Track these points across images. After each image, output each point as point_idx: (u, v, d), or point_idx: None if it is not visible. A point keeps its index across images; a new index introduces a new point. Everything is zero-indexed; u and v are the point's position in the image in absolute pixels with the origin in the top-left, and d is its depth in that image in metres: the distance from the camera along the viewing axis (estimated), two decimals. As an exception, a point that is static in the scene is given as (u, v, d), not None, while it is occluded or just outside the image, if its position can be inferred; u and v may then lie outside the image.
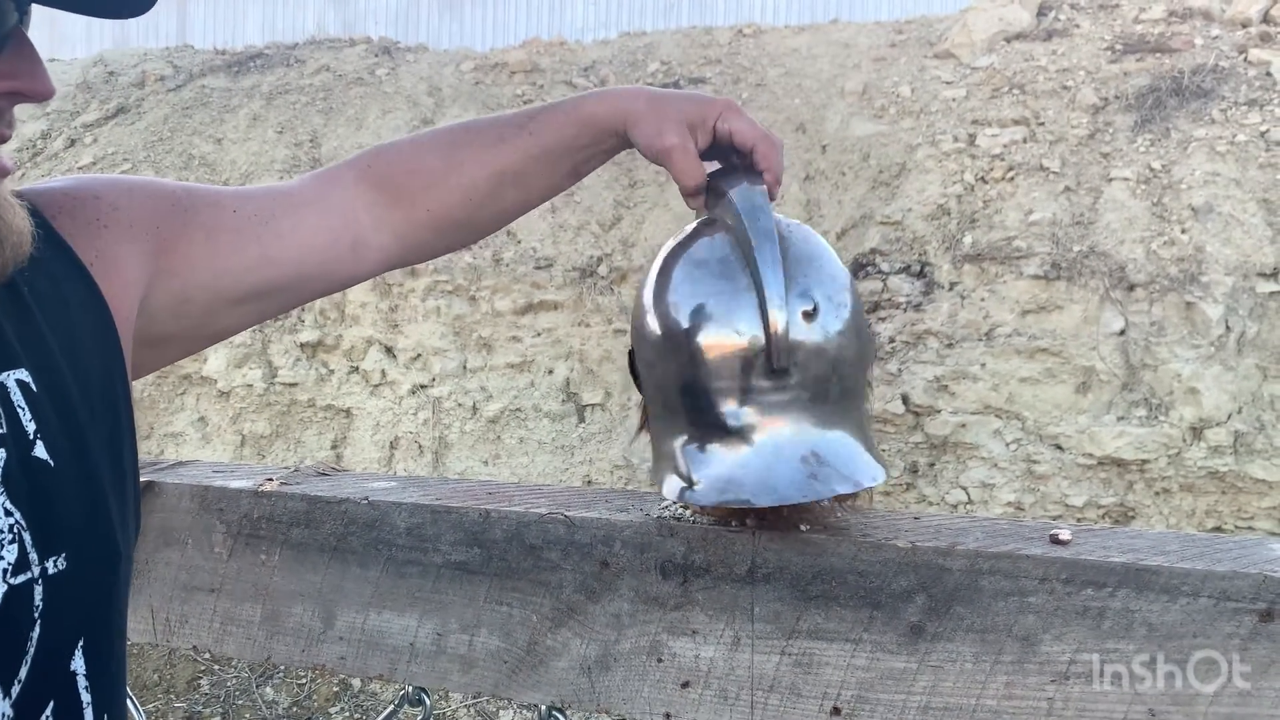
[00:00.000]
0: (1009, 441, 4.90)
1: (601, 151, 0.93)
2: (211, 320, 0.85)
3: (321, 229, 0.88)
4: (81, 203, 0.76)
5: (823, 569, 0.83)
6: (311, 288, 0.91)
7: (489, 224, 0.96)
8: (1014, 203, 5.56)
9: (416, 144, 0.94)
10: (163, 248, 0.79)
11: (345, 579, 1.01)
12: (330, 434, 6.31)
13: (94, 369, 0.72)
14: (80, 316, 0.72)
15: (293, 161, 7.58)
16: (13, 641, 0.63)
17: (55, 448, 0.67)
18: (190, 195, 0.84)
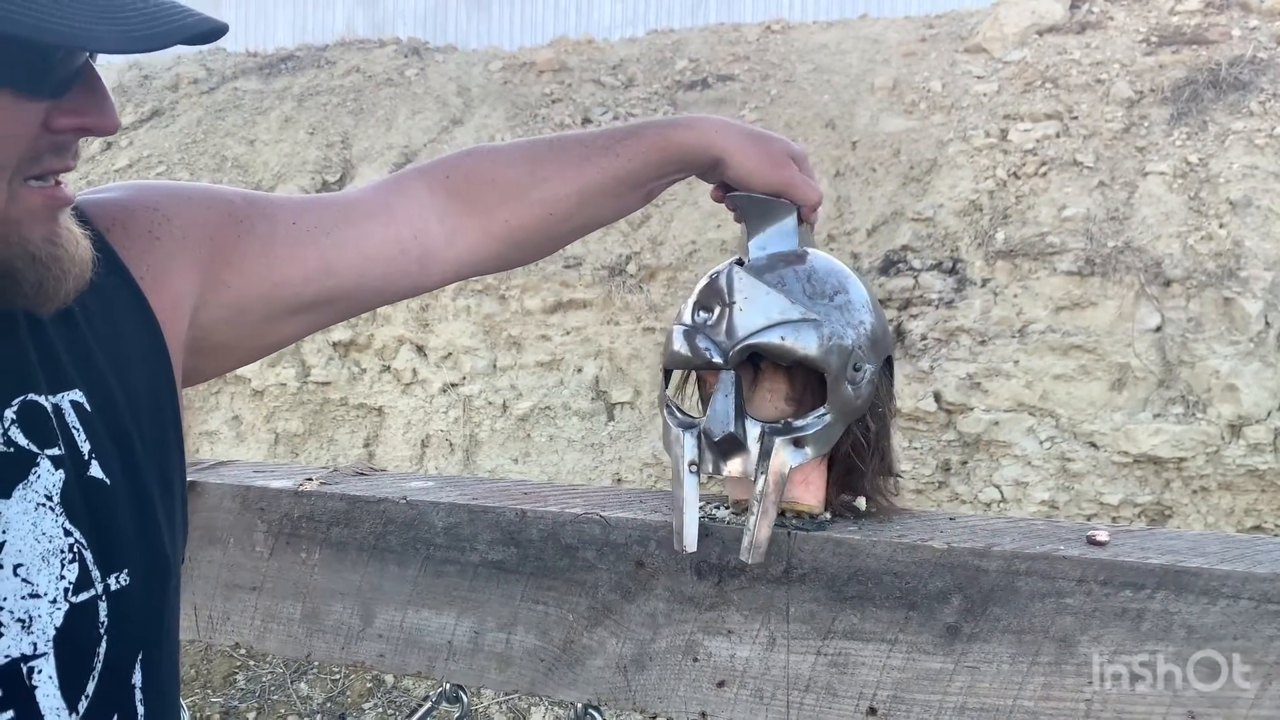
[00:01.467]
0: (1043, 439, 4.85)
1: (676, 178, 0.96)
2: (269, 330, 0.85)
3: (388, 240, 0.87)
4: (135, 215, 0.77)
5: (858, 570, 0.84)
6: (371, 298, 0.90)
7: (561, 240, 0.97)
8: (1047, 198, 5.49)
9: (497, 155, 0.93)
10: (217, 259, 0.80)
11: (384, 577, 1.03)
12: (362, 432, 6.37)
13: (142, 385, 0.73)
14: (129, 332, 0.73)
15: (324, 162, 7.66)
16: (81, 658, 0.65)
17: (109, 466, 0.68)
18: (249, 205, 0.84)
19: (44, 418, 0.66)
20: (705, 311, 0.90)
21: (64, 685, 0.64)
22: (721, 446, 0.86)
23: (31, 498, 0.64)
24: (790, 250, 0.93)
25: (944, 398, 5.02)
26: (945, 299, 5.28)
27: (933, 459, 4.96)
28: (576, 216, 0.94)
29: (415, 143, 7.61)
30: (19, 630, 0.62)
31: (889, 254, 5.61)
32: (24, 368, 0.66)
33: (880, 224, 5.87)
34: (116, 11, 0.54)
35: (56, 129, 0.59)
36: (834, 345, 0.87)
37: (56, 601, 0.64)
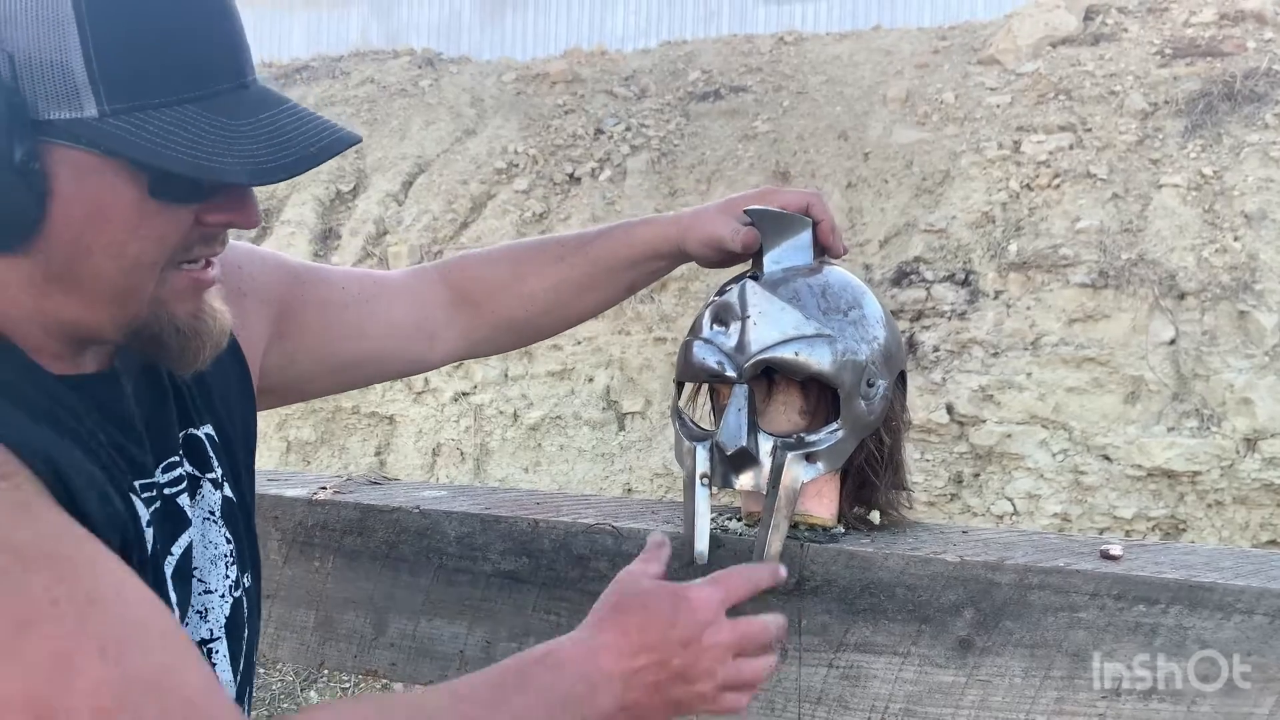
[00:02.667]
0: (1055, 452, 4.83)
1: (652, 271, 1.05)
2: (306, 384, 0.98)
3: (408, 315, 1.01)
4: (227, 274, 0.86)
5: (870, 582, 0.84)
6: (391, 367, 1.03)
7: (549, 328, 1.08)
8: (1060, 210, 5.48)
9: (488, 256, 1.07)
10: (284, 314, 0.93)
11: (396, 586, 1.03)
12: (374, 441, 6.39)
13: (238, 415, 0.86)
14: (231, 373, 0.86)
15: (338, 172, 7.71)
16: (237, 643, 0.79)
17: (234, 486, 0.82)
18: (308, 271, 0.98)
19: (199, 446, 0.79)
20: (720, 325, 0.90)
21: (232, 664, 0.78)
22: (734, 460, 0.87)
23: (200, 513, 0.77)
24: (805, 264, 0.93)
25: (956, 410, 5.00)
26: (958, 310, 5.27)
27: (945, 471, 4.94)
28: (555, 308, 1.04)
29: (429, 153, 7.65)
30: (198, 620, 0.76)
31: (901, 265, 5.60)
32: (181, 406, 0.78)
33: (893, 235, 5.87)
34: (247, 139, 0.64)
35: (207, 224, 0.68)
36: (847, 361, 0.87)
37: (224, 596, 0.78)
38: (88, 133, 0.61)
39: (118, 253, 0.65)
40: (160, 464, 0.73)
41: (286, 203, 7.57)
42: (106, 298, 0.67)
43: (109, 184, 0.63)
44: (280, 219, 7.45)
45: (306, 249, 7.12)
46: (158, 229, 0.66)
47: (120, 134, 0.61)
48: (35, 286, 0.66)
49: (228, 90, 0.65)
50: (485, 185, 7.20)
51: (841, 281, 0.93)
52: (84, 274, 0.65)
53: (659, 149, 7.06)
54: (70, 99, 0.61)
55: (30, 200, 0.62)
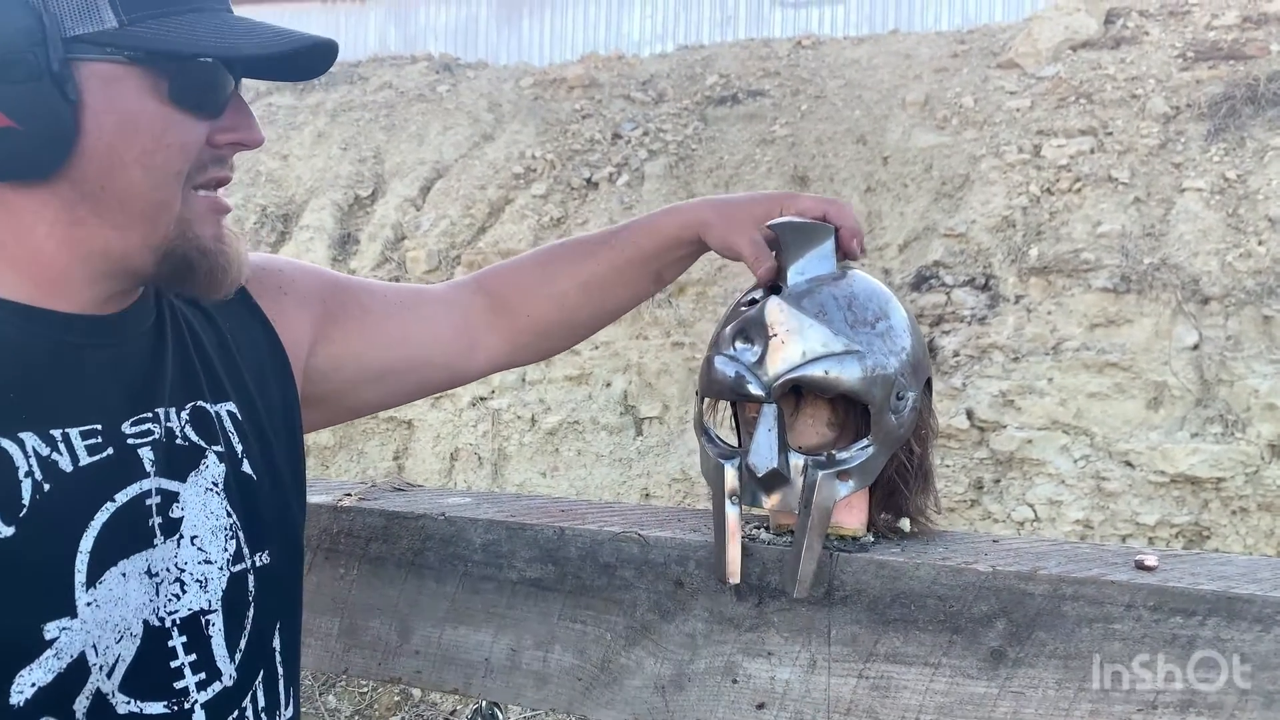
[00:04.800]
0: (1077, 458, 4.79)
1: (678, 259, 1.04)
2: (352, 391, 0.99)
3: (449, 324, 1.03)
4: (267, 272, 0.94)
5: (901, 592, 0.83)
6: (433, 376, 1.04)
7: (582, 327, 1.08)
8: (1081, 214, 5.44)
9: (519, 261, 1.09)
10: (327, 318, 0.96)
11: (421, 594, 1.03)
12: (392, 445, 6.41)
13: (276, 400, 0.88)
14: (266, 358, 0.89)
15: (356, 177, 7.74)
16: (236, 619, 0.80)
17: (255, 465, 0.84)
18: (350, 281, 1.02)
19: (209, 420, 0.81)
20: (745, 342, 0.88)
21: (227, 638, 0.78)
22: (765, 481, 0.85)
23: (202, 483, 0.79)
24: (829, 273, 0.92)
25: (976, 415, 4.97)
26: (978, 315, 5.24)
27: (965, 477, 4.91)
28: (587, 305, 1.05)
29: (446, 158, 7.68)
30: (198, 589, 0.77)
31: (921, 270, 5.58)
32: (194, 381, 0.82)
33: (912, 240, 5.84)
34: (251, 31, 0.72)
35: (217, 144, 0.74)
36: (877, 376, 0.86)
37: (223, 568, 0.79)
38: (112, 40, 0.68)
39: (147, 162, 0.70)
40: (130, 417, 0.76)
41: (305, 208, 7.61)
42: (139, 214, 0.72)
43: (134, 91, 0.69)
44: (299, 224, 7.50)
45: (325, 254, 7.16)
46: (179, 136, 0.71)
47: (141, 36, 0.68)
48: (69, 212, 0.71)
49: (219, 9, 0.73)
50: (503, 190, 7.22)
51: (867, 290, 0.92)
52: (118, 188, 0.70)
53: (676, 153, 7.06)
54: (91, 13, 0.67)
55: (67, 111, 0.67)
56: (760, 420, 0.86)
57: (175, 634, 0.75)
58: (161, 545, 0.75)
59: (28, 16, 0.65)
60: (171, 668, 0.75)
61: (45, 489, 0.69)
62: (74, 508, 0.71)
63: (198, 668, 0.76)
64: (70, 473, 0.71)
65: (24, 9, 0.65)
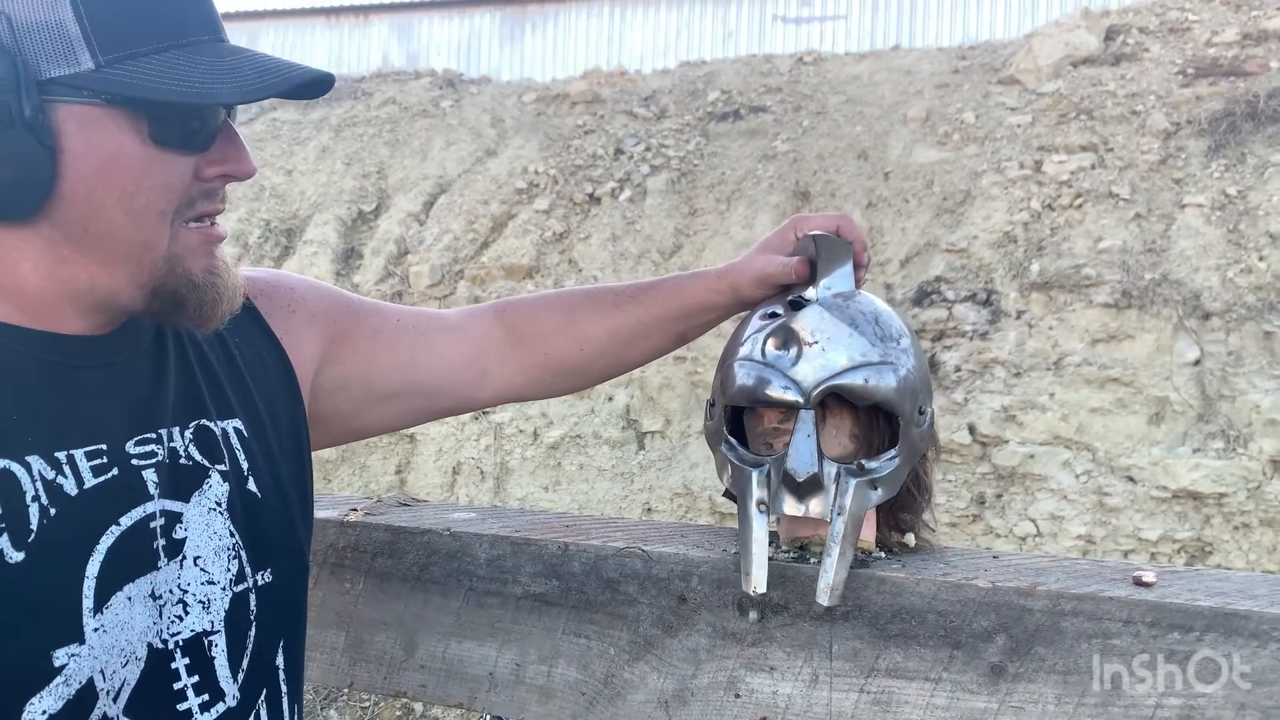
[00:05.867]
0: (1079, 473, 4.79)
1: (704, 322, 1.06)
2: (359, 411, 0.98)
3: (461, 351, 1.03)
4: (277, 289, 0.94)
5: (902, 608, 0.84)
6: (439, 403, 1.04)
7: (596, 374, 1.09)
8: (1082, 230, 5.46)
9: (544, 299, 1.09)
10: (337, 337, 0.95)
11: (427, 608, 1.04)
12: (395, 459, 6.42)
13: (284, 417, 0.88)
14: (274, 375, 0.89)
15: (360, 192, 7.78)
16: (237, 639, 0.79)
17: (261, 482, 0.83)
18: (361, 302, 1.01)
19: (213, 439, 0.80)
20: (780, 350, 0.89)
21: (230, 659, 0.78)
22: (803, 487, 0.85)
23: (205, 503, 0.78)
24: (850, 290, 0.94)
25: (978, 430, 4.98)
26: (979, 330, 5.25)
27: (967, 492, 4.91)
28: (608, 355, 1.06)
29: (450, 173, 7.71)
30: (201, 610, 0.76)
31: (922, 285, 5.59)
32: (197, 398, 0.81)
33: (913, 255, 5.86)
34: (235, 70, 0.69)
35: (205, 178, 0.72)
36: (908, 388, 0.88)
37: (225, 589, 0.78)
38: (88, 83, 0.66)
39: (128, 205, 0.69)
40: (133, 437, 0.75)
41: (309, 223, 7.65)
42: (123, 254, 0.70)
43: (112, 134, 0.67)
44: (303, 239, 7.53)
45: (328, 268, 7.19)
46: (162, 177, 0.70)
47: (117, 79, 0.66)
48: (52, 252, 0.69)
49: (207, 41, 0.70)
50: (506, 205, 7.25)
51: (886, 310, 0.94)
52: (99, 230, 0.69)
53: (679, 169, 7.10)
54: (67, 55, 0.65)
55: (43, 156, 0.66)
56: (799, 426, 0.86)
57: (178, 656, 0.75)
58: (165, 567, 0.74)
59: (1, 62, 0.64)
60: (175, 690, 0.74)
61: (51, 513, 0.68)
62: (80, 532, 0.70)
63: (200, 689, 0.76)
64: (75, 496, 0.70)
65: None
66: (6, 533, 0.66)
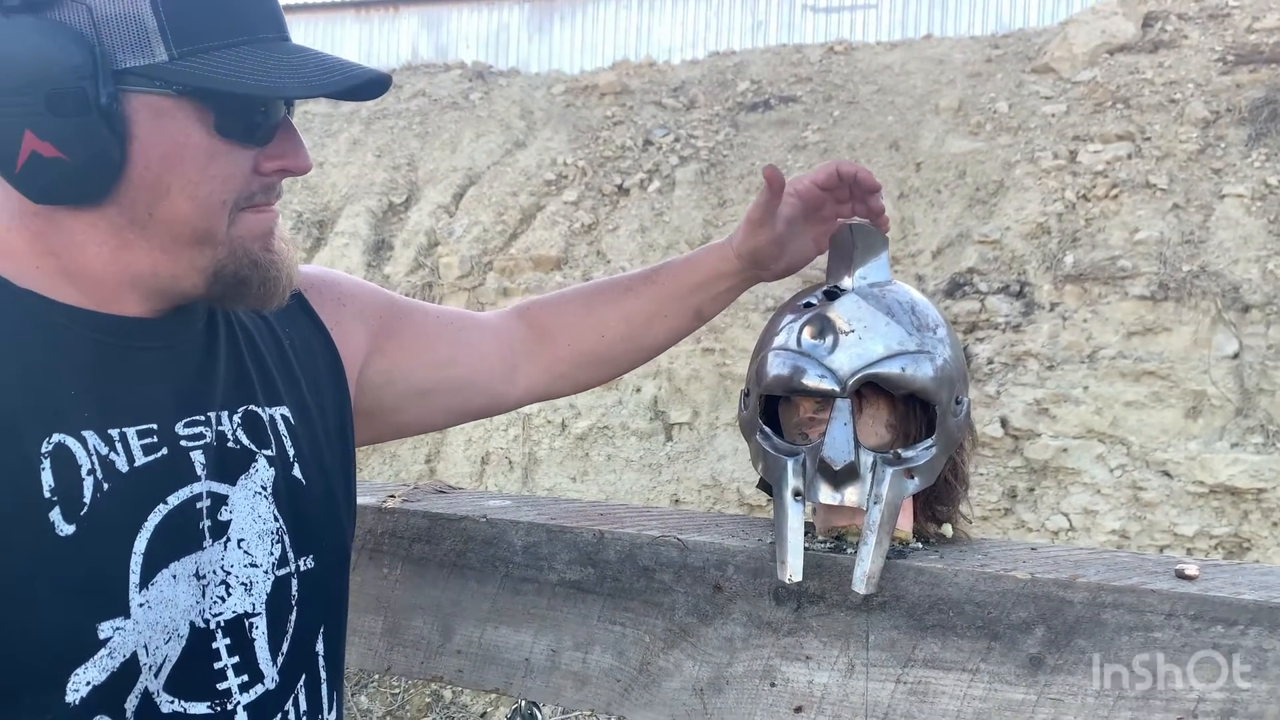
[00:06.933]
0: (1113, 467, 4.73)
1: (719, 293, 1.07)
2: (400, 406, 1.01)
3: (493, 348, 1.05)
4: (327, 284, 0.97)
5: (939, 599, 0.83)
6: (475, 400, 1.06)
7: (623, 359, 1.10)
8: (1118, 221, 5.38)
9: (562, 295, 1.12)
10: (383, 332, 0.98)
11: (463, 594, 1.05)
12: (424, 449, 6.47)
13: (330, 407, 0.90)
14: (322, 365, 0.91)
15: (390, 184, 7.83)
16: (278, 622, 0.80)
17: (306, 470, 0.85)
18: (405, 300, 1.05)
19: (260, 424, 0.82)
20: (817, 339, 0.88)
21: (270, 642, 0.79)
22: (839, 475, 0.85)
23: (251, 487, 0.80)
24: (885, 280, 0.93)
25: (1011, 423, 4.93)
26: (1012, 323, 5.19)
27: (999, 485, 4.87)
28: (629, 339, 1.08)
29: (479, 165, 7.74)
30: (243, 592, 0.78)
31: (955, 276, 5.54)
32: (247, 384, 0.83)
33: (945, 246, 5.81)
34: (300, 67, 0.72)
35: (264, 171, 0.75)
36: (944, 378, 0.87)
37: (268, 572, 0.79)
38: (162, 74, 0.68)
39: (192, 192, 0.71)
40: (183, 418, 0.77)
41: (340, 214, 7.71)
42: (186, 240, 0.73)
43: (181, 124, 0.70)
44: (334, 230, 7.59)
45: (360, 260, 7.25)
46: (224, 168, 0.72)
47: (190, 71, 0.69)
48: (116, 236, 0.72)
49: (273, 39, 0.73)
50: (535, 197, 7.27)
51: (922, 300, 0.93)
52: (164, 216, 0.72)
53: (708, 159, 7.07)
54: (143, 46, 0.68)
55: (114, 143, 0.68)
56: (835, 415, 0.86)
57: (219, 636, 0.76)
58: (210, 548, 0.76)
59: (81, 51, 0.66)
60: (215, 669, 0.76)
61: (105, 488, 0.70)
62: (129, 508, 0.72)
63: (240, 670, 0.77)
64: (126, 473, 0.72)
65: (78, 43, 0.66)
66: (59, 505, 0.68)
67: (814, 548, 0.90)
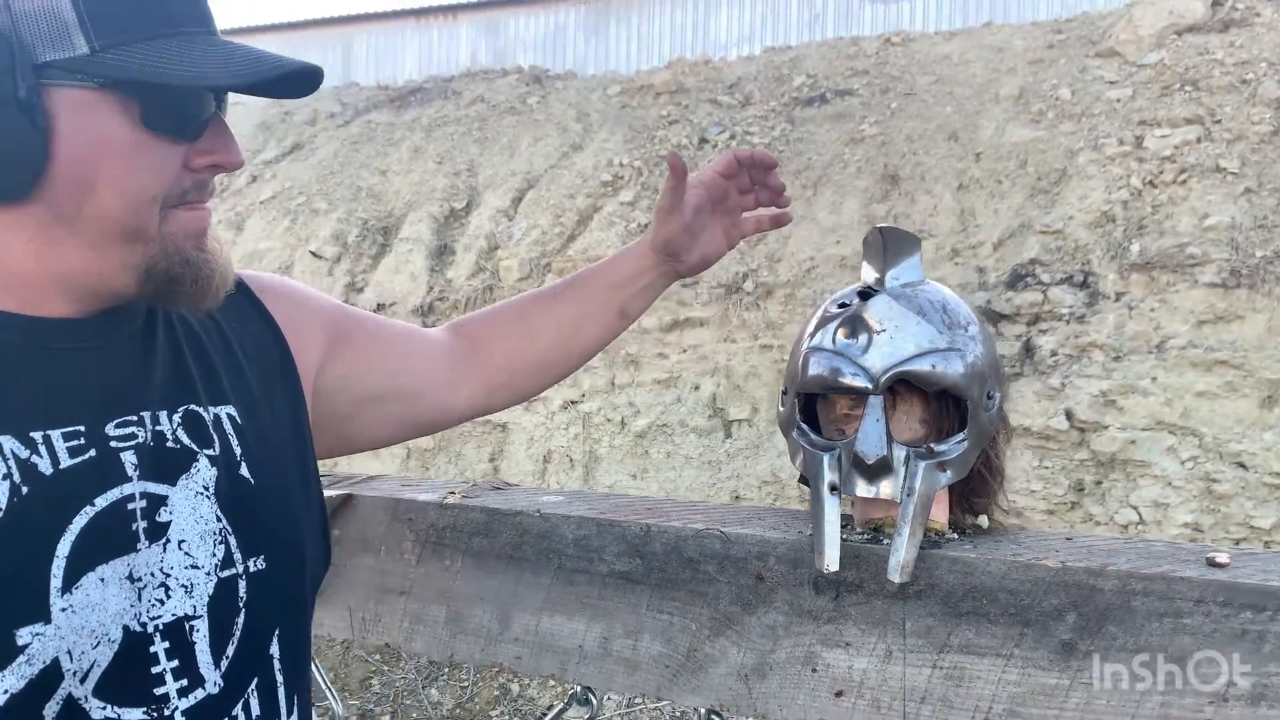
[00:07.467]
0: (1184, 459, 4.62)
1: (639, 290, 1.11)
2: (352, 414, 1.01)
3: (439, 359, 1.07)
4: (283, 287, 0.97)
5: (973, 587, 0.86)
6: (424, 413, 1.07)
7: (556, 365, 1.12)
8: (1187, 207, 5.25)
9: (494, 308, 1.15)
10: (338, 336, 0.99)
11: (520, 585, 1.10)
12: (488, 448, 6.59)
13: (284, 407, 0.89)
14: (274, 364, 0.90)
15: (451, 190, 7.98)
16: (223, 625, 0.78)
17: (256, 469, 0.83)
18: (354, 309, 1.06)
19: (202, 424, 0.80)
20: (850, 337, 0.92)
21: (212, 645, 0.77)
22: (873, 470, 0.89)
23: (192, 487, 0.78)
24: (917, 280, 0.96)
25: (1076, 415, 4.85)
26: (1076, 314, 5.10)
27: (1064, 479, 4.79)
28: (560, 344, 1.10)
29: (537, 168, 7.85)
30: (183, 594, 0.76)
31: (1016, 268, 5.46)
32: (188, 383, 0.81)
33: (1007, 237, 5.72)
34: (225, 59, 0.72)
35: (195, 168, 0.74)
36: (975, 374, 0.90)
37: (210, 574, 0.77)
38: (82, 67, 0.68)
39: (120, 188, 0.70)
40: (114, 419, 0.75)
41: (404, 221, 7.88)
42: (115, 237, 0.72)
43: (105, 117, 0.70)
44: (399, 236, 7.77)
45: (423, 265, 7.41)
46: (152, 162, 0.71)
47: (111, 63, 0.68)
48: (43, 234, 0.71)
49: (199, 33, 0.73)
50: (591, 199, 7.34)
51: (954, 298, 0.96)
52: (92, 212, 0.71)
53: (764, 156, 7.06)
54: (62, 39, 0.68)
55: (36, 138, 0.68)
56: (868, 411, 0.90)
57: (158, 640, 0.74)
58: (146, 550, 0.74)
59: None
60: (152, 674, 0.74)
61: (24, 492, 0.69)
62: (52, 511, 0.70)
63: (179, 674, 0.75)
64: (50, 475, 0.71)
65: None
66: None
67: (852, 539, 0.93)
